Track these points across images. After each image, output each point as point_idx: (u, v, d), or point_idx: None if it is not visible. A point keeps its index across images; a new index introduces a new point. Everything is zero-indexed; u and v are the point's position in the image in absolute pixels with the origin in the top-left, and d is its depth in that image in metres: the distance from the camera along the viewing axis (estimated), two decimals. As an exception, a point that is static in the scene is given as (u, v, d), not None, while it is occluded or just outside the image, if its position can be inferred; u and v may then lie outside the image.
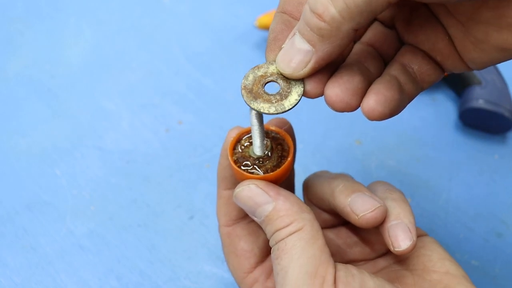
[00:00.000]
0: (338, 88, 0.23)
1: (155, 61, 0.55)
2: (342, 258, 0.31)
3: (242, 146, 0.28)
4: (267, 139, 0.28)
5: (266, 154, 0.28)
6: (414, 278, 0.28)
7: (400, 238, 0.26)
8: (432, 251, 0.28)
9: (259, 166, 0.27)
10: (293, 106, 0.24)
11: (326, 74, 0.24)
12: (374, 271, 0.30)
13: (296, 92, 0.24)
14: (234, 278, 0.32)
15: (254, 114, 0.26)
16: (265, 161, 0.27)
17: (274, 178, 0.27)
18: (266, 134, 0.28)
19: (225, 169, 0.30)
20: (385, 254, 0.31)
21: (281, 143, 0.28)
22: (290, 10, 0.25)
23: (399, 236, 0.26)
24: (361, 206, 0.26)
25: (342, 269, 0.24)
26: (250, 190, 0.26)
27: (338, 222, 0.32)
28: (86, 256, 0.40)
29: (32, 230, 0.41)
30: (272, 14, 0.53)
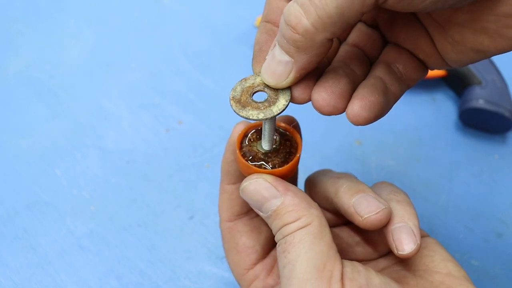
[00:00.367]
0: (324, 92, 0.23)
1: (155, 61, 0.55)
2: (344, 257, 0.31)
3: (249, 140, 0.28)
4: (276, 135, 0.28)
5: (274, 149, 0.27)
6: (416, 279, 0.28)
7: (404, 242, 0.25)
8: (434, 252, 0.28)
9: (267, 161, 0.27)
10: (281, 111, 0.24)
11: (312, 79, 0.25)
12: (376, 271, 0.30)
13: (283, 98, 0.25)
14: (234, 275, 0.32)
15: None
16: (272, 156, 0.27)
17: (282, 173, 0.27)
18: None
19: (229, 163, 0.30)
20: (387, 255, 0.31)
21: (289, 140, 0.28)
22: (273, 19, 0.25)
23: (404, 239, 0.25)
24: (365, 207, 0.26)
25: (348, 265, 0.24)
26: (258, 184, 0.26)
27: (341, 222, 0.31)
28: (86, 256, 0.40)
29: (32, 230, 0.41)
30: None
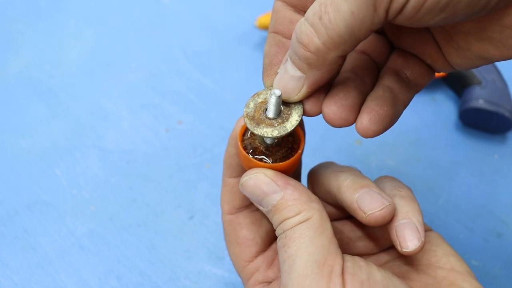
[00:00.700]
0: (335, 105, 0.24)
1: (155, 61, 0.55)
2: (345, 251, 0.31)
3: (252, 133, 0.28)
4: None
5: (276, 144, 0.27)
6: (419, 274, 0.27)
7: (408, 238, 0.25)
8: (437, 247, 0.28)
9: (268, 156, 0.27)
10: (295, 127, 0.25)
11: (323, 91, 0.25)
12: (377, 265, 0.30)
13: (296, 113, 0.25)
14: (235, 267, 0.31)
15: (274, 97, 0.26)
16: (274, 151, 0.27)
17: (283, 168, 0.26)
18: None
19: (231, 157, 0.30)
20: (389, 249, 0.30)
21: (291, 135, 0.28)
22: (282, 30, 0.26)
23: (407, 236, 0.25)
24: (369, 203, 0.25)
25: (349, 260, 0.24)
26: (257, 179, 0.26)
27: (343, 216, 0.31)
28: (86, 256, 0.40)
29: (32, 230, 0.41)
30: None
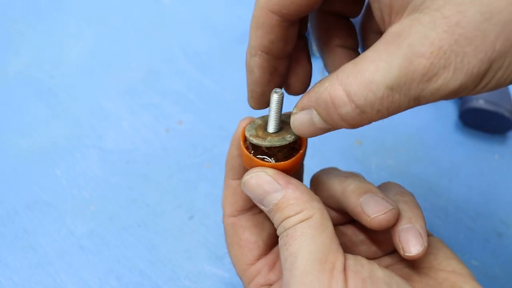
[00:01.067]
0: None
1: (155, 61, 0.55)
2: None
3: None
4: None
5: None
6: (420, 276, 0.27)
7: (411, 243, 0.25)
8: (438, 250, 0.28)
9: (270, 155, 0.27)
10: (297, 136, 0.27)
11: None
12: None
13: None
14: (236, 270, 0.31)
15: (275, 98, 0.26)
16: (276, 151, 0.27)
17: (284, 167, 0.27)
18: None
19: (234, 158, 0.30)
20: (391, 253, 0.30)
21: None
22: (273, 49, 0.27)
23: (410, 241, 0.25)
24: (373, 207, 0.26)
25: (351, 258, 0.24)
26: (259, 178, 0.26)
27: (346, 221, 0.31)
28: (86, 256, 0.40)
29: (32, 230, 0.41)
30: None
